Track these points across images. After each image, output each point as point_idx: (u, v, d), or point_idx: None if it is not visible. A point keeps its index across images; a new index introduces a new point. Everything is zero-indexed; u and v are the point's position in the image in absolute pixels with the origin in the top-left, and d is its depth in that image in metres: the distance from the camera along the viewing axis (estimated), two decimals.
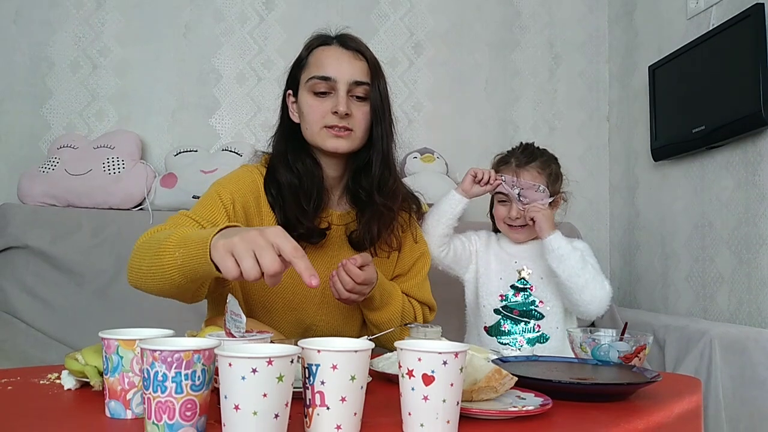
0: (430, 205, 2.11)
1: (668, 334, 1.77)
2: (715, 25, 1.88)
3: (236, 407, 0.66)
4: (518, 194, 1.52)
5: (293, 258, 0.81)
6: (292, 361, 0.68)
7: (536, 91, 2.54)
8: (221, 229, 0.90)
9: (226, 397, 0.67)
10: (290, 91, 1.30)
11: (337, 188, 1.31)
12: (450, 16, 2.49)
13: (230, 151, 2.18)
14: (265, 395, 0.65)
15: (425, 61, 2.46)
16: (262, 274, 0.82)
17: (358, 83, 1.24)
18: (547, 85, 2.55)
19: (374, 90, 1.26)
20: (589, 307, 1.46)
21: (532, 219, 1.48)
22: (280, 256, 0.82)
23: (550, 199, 1.52)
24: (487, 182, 1.51)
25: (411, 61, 2.45)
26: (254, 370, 0.65)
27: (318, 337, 0.86)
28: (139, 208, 2.07)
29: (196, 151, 2.19)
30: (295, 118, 1.29)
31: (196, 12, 2.32)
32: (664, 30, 2.20)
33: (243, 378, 0.65)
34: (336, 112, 1.21)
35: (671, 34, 2.15)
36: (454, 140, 2.45)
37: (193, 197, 2.06)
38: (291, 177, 1.23)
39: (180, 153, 2.17)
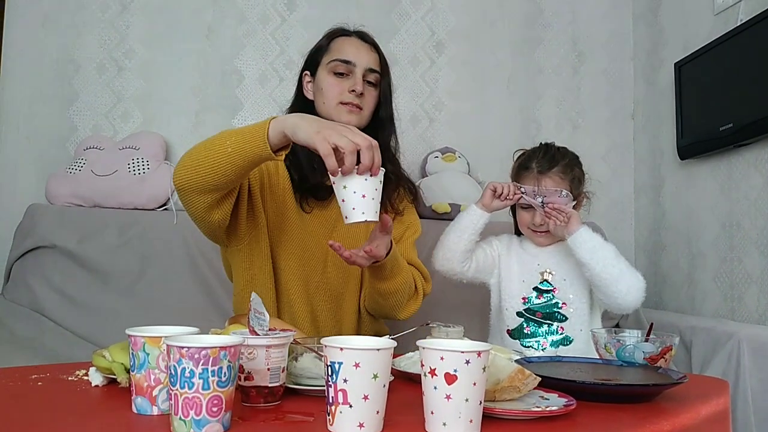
0: (451, 206, 2.12)
1: (695, 336, 1.74)
2: (743, 21, 1.84)
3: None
4: (541, 202, 1.48)
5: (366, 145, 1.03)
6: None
7: (559, 89, 2.51)
8: (272, 118, 1.11)
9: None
10: (307, 72, 1.49)
11: None
12: (471, 14, 2.48)
13: None
14: None
15: (447, 60, 2.46)
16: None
17: (371, 70, 1.44)
18: (571, 83, 2.52)
19: (384, 79, 1.47)
20: (627, 297, 1.41)
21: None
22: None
23: (574, 202, 1.51)
24: (507, 196, 1.50)
25: (432, 60, 2.44)
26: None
27: (322, 302, 1.11)
28: (164, 208, 2.09)
29: None
30: (309, 95, 1.48)
31: (219, 14, 2.34)
32: (691, 26, 2.16)
33: None
34: (353, 91, 1.40)
35: (698, 30, 2.11)
36: (476, 139, 2.44)
37: None
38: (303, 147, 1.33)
39: None
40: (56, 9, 2.25)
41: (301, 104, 1.48)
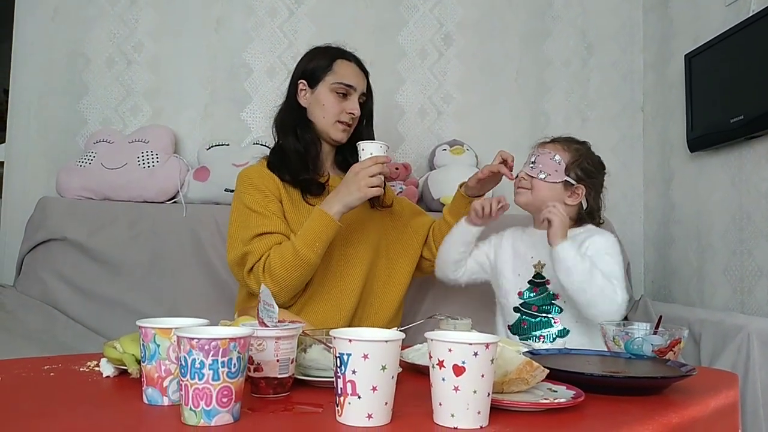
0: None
1: (704, 329, 1.73)
2: (755, 11, 1.82)
3: None
4: (533, 161, 1.53)
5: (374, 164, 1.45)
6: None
7: (568, 81, 2.50)
8: (323, 209, 1.46)
9: None
10: (304, 82, 1.63)
11: (329, 158, 1.69)
12: (480, 6, 2.46)
13: (261, 144, 2.20)
14: None
15: (455, 52, 2.44)
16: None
17: (363, 94, 1.65)
18: (580, 75, 2.50)
19: (369, 101, 1.69)
20: (595, 320, 1.38)
21: (548, 220, 1.41)
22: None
23: (566, 179, 1.50)
24: (490, 214, 1.52)
25: (440, 52, 2.43)
26: None
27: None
28: (173, 201, 2.10)
29: (227, 144, 2.21)
30: (303, 103, 1.64)
31: (227, 7, 2.34)
32: (701, 17, 2.14)
33: None
34: (351, 113, 1.60)
35: (709, 21, 2.09)
36: (485, 132, 2.43)
37: (225, 190, 2.09)
38: (298, 145, 1.60)
39: (212, 147, 2.20)
40: (66, 3, 2.26)
41: (294, 109, 1.64)
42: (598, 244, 1.49)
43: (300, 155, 1.59)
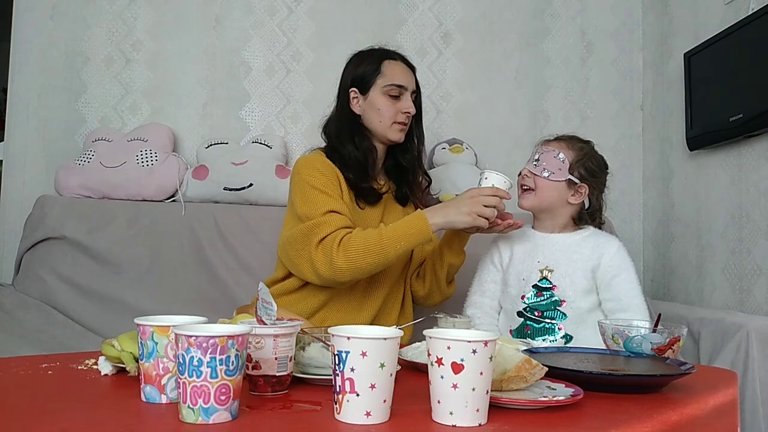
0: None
1: (703, 327, 1.73)
2: (754, 10, 1.82)
3: None
4: (537, 159, 1.51)
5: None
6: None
7: (568, 80, 2.50)
8: (421, 214, 1.43)
9: None
10: (355, 89, 1.62)
11: (379, 163, 1.67)
12: (479, 5, 2.46)
13: (260, 143, 2.20)
14: None
15: (454, 51, 2.44)
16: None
17: (413, 91, 1.63)
18: (579, 74, 2.50)
19: (419, 95, 1.66)
20: None
21: None
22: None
23: (569, 177, 1.49)
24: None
25: (440, 51, 2.43)
26: None
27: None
28: (172, 199, 2.10)
29: (226, 143, 2.21)
30: (357, 110, 1.62)
31: (226, 5, 2.34)
32: (701, 16, 2.14)
33: None
34: (407, 112, 1.59)
35: (708, 20, 2.09)
36: (484, 130, 2.43)
37: (224, 189, 2.09)
38: (357, 153, 1.59)
39: (211, 145, 2.20)
40: (64, 1, 2.26)
41: (348, 118, 1.63)
42: (618, 270, 1.49)
43: (360, 164, 1.58)
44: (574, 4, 2.50)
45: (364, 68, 1.62)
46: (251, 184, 2.10)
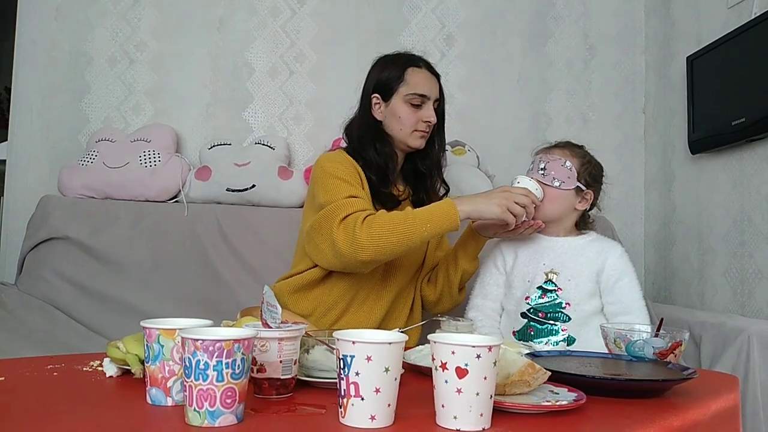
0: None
1: (704, 331, 1.73)
2: (757, 14, 1.83)
3: None
4: (543, 167, 1.50)
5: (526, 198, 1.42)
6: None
7: (570, 82, 2.50)
8: (449, 200, 1.42)
9: None
10: (378, 96, 1.61)
11: (399, 168, 1.67)
12: (482, 7, 2.47)
13: (263, 144, 2.20)
14: None
15: (457, 53, 2.45)
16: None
17: (436, 99, 1.62)
18: (582, 77, 2.51)
19: (441, 103, 1.65)
20: None
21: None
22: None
23: (578, 185, 1.49)
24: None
25: (443, 53, 2.44)
26: None
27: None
28: (175, 200, 2.11)
29: (229, 144, 2.22)
30: (379, 116, 1.62)
31: (230, 6, 2.35)
32: (703, 20, 2.14)
33: None
34: (428, 121, 1.59)
35: (711, 23, 2.09)
36: (486, 133, 2.43)
37: (227, 190, 2.09)
38: (378, 159, 1.59)
39: (214, 146, 2.21)
40: (69, 2, 2.26)
41: (369, 123, 1.62)
42: (621, 278, 1.49)
43: (381, 169, 1.59)
44: (576, 7, 2.51)
45: (387, 74, 1.61)
46: (254, 185, 2.10)
